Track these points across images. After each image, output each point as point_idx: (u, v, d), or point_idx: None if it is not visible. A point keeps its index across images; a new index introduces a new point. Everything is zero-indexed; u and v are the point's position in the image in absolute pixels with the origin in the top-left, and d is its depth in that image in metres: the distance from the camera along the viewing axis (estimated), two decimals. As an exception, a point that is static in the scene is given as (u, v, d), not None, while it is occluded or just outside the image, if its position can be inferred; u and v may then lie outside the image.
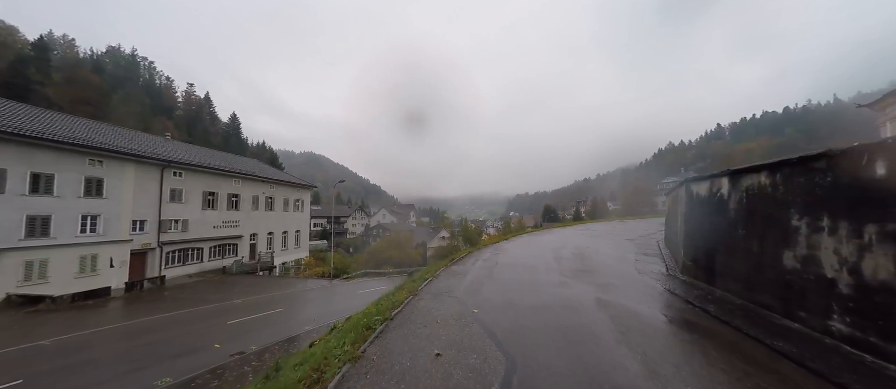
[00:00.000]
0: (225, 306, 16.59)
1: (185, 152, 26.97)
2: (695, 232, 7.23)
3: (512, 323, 5.19)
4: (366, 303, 17.90)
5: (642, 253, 12.50)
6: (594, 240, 16.96)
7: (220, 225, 26.92)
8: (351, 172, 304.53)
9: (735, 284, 5.55)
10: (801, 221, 4.17)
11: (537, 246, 15.56)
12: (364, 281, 27.93)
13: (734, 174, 5.64)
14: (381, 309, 6.25)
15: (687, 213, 7.78)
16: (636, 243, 15.29)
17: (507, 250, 14.89)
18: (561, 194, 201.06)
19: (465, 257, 14.08)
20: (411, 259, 46.03)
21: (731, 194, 5.67)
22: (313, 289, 22.72)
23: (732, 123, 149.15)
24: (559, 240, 17.34)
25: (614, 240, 16.59)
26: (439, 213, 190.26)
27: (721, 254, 6.00)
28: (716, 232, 6.15)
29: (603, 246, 14.86)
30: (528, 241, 17.95)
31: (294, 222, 36.39)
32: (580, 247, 14.57)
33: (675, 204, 10.07)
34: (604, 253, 12.84)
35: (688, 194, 7.68)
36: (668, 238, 13.54)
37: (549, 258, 12.26)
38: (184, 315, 15.22)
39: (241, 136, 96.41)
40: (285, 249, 34.82)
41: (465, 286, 8.43)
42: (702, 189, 6.83)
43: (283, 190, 34.88)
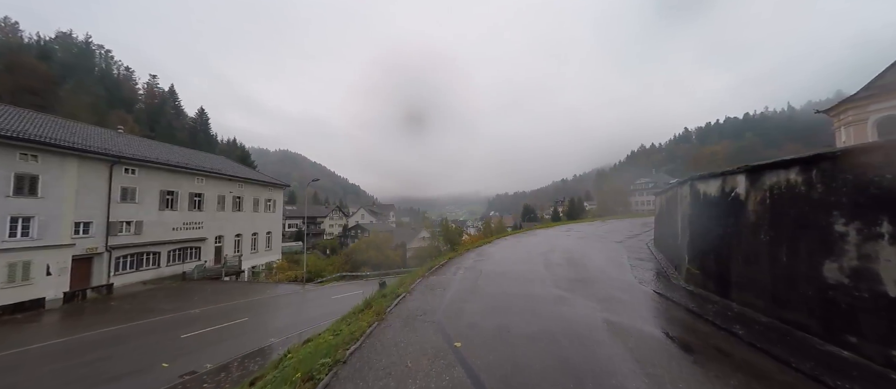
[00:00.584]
0: (180, 317, 14.87)
1: (139, 147, 24.51)
2: (702, 237, 6.56)
3: (506, 362, 4.00)
4: (338, 310, 16.50)
5: (635, 257, 11.82)
6: (581, 243, 16.22)
7: (180, 227, 24.68)
8: (329, 171, 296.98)
9: (757, 298, 4.89)
10: (848, 226, 3.56)
11: (523, 251, 14.37)
12: (339, 286, 26.46)
13: (754, 171, 5.01)
14: (332, 347, 4.80)
15: (692, 215, 7.10)
16: (625, 246, 14.57)
17: (491, 255, 13.65)
18: (540, 194, 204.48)
19: (445, 264, 12.62)
20: (390, 260, 44.67)
21: (749, 194, 5.06)
22: (283, 295, 21.12)
23: (698, 128, 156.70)
24: (545, 243, 16.26)
25: (602, 243, 15.74)
26: (420, 213, 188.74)
27: (737, 263, 5.35)
28: (729, 237, 5.52)
29: (592, 249, 14.16)
30: (513, 244, 16.71)
31: (265, 223, 34.25)
32: (569, 251, 13.66)
33: (673, 204, 9.33)
34: (596, 258, 11.99)
35: (693, 194, 7.10)
36: (659, 240, 12.89)
37: (539, 264, 11.20)
38: (131, 328, 13.45)
39: (209, 132, 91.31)
40: (255, 252, 32.67)
41: (445, 305, 7.03)
42: (710, 188, 6.20)
43: (252, 189, 32.70)
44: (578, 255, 12.72)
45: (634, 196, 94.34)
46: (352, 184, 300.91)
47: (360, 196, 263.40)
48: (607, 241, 16.24)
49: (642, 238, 16.78)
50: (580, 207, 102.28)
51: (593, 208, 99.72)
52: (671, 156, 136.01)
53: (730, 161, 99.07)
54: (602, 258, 11.97)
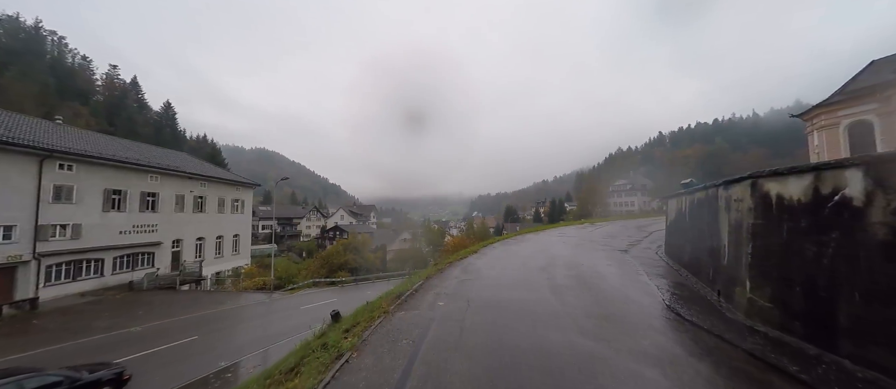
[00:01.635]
0: (115, 337, 12.70)
1: (78, 141, 21.65)
2: (776, 257, 5.04)
3: None
4: (304, 323, 14.62)
5: (653, 272, 9.88)
6: (582, 253, 13.71)
7: (129, 231, 22.02)
8: (308, 171, 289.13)
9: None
10: None
11: (518, 264, 11.62)
12: (311, 293, 24.46)
13: (881, 163, 3.56)
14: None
15: (755, 226, 5.47)
16: (633, 256, 12.64)
17: (479, 272, 10.74)
18: (521, 195, 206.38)
19: (421, 287, 9.64)
20: (370, 263, 42.71)
21: (873, 200, 3.59)
22: (246, 306, 19.02)
23: (672, 132, 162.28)
24: (540, 253, 13.74)
25: (606, 252, 13.67)
26: (402, 214, 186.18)
27: (851, 300, 3.93)
28: (834, 262, 4.11)
29: (597, 261, 11.77)
30: (504, 255, 13.73)
31: (232, 225, 31.66)
32: (573, 265, 11.17)
33: (707, 210, 7.84)
34: (609, 276, 9.67)
35: (757, 198, 5.35)
36: (675, 250, 11.13)
37: (543, 287, 8.67)
38: (50, 353, 11.23)
39: (176, 128, 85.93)
40: (220, 257, 30.08)
41: (416, 381, 4.36)
42: (791, 189, 4.70)
43: (217, 188, 30.09)
44: (587, 271, 10.34)
45: (613, 197, 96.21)
46: (332, 183, 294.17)
47: (340, 196, 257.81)
48: (610, 250, 14.29)
49: (645, 245, 15.24)
50: (561, 208, 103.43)
51: (574, 209, 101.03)
52: (647, 158, 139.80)
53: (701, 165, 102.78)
54: (616, 275, 9.86)
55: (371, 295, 22.15)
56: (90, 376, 8.37)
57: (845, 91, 25.84)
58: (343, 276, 37.66)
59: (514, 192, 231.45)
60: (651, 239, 16.64)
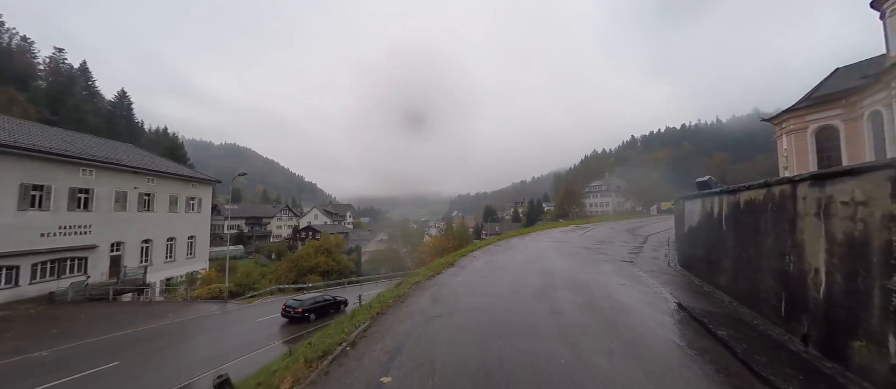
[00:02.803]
0: (10, 366, 10.37)
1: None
2: None
3: None
4: (255, 341, 12.62)
5: (681, 294, 7.68)
6: (580, 264, 11.24)
7: (54, 233, 19.05)
8: (282, 168, 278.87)
9: None
10: None
11: (507, 284, 8.58)
12: (273, 302, 22.24)
13: None
14: None
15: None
16: (643, 268, 10.43)
17: (455, 299, 7.66)
18: (500, 195, 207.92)
19: (363, 337, 5.88)
20: (343, 266, 40.54)
21: None
22: (193, 320, 16.74)
23: (643, 135, 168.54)
24: (532, 266, 10.86)
25: (610, 264, 11.26)
26: (380, 214, 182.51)
27: None
28: None
29: (605, 278, 9.30)
30: (487, 269, 10.59)
31: (186, 225, 28.71)
32: (578, 286, 8.42)
33: (770, 217, 5.63)
34: (629, 303, 7.22)
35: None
36: (692, 262, 9.35)
37: (548, 328, 5.81)
38: None
39: (132, 119, 79.39)
40: (171, 261, 27.13)
41: None
42: None
43: (169, 184, 27.12)
44: (600, 297, 7.56)
45: (589, 198, 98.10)
46: (308, 182, 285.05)
47: (316, 194, 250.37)
48: (613, 261, 11.84)
49: (649, 253, 13.13)
50: (539, 209, 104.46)
51: (551, 209, 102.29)
52: (621, 160, 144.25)
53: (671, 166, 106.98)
54: (640, 302, 7.25)
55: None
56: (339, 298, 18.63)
57: (812, 97, 26.59)
58: (314, 280, 35.37)
59: (494, 192, 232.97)
60: (651, 246, 14.76)
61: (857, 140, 22.23)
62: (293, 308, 16.16)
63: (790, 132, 26.25)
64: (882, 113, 19.96)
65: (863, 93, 21.33)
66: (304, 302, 16.65)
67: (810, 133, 24.99)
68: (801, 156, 25.44)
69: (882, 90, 19.57)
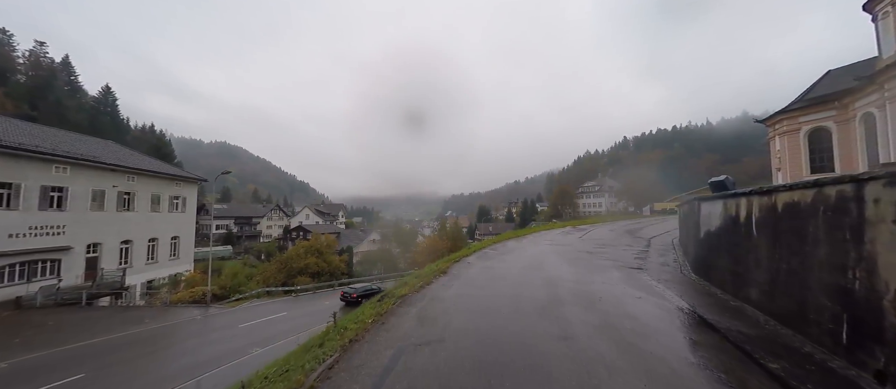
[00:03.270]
0: (-36, 380, 9.53)
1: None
2: None
3: None
4: (240, 348, 11.82)
5: (704, 309, 6.57)
6: (585, 272, 9.88)
7: (24, 234, 18.01)
8: (274, 167, 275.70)
9: None
10: None
11: (506, 297, 7.46)
12: (259, 306, 21.45)
13: None
14: None
15: None
16: (654, 276, 9.23)
17: (447, 318, 6.38)
18: (494, 195, 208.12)
19: (340, 359, 5.04)
20: (334, 267, 39.66)
21: None
22: (173, 325, 15.90)
23: (635, 137, 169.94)
24: (532, 274, 9.56)
25: (618, 272, 9.96)
26: (373, 213, 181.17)
27: None
28: None
29: (616, 289, 8.07)
30: (482, 278, 9.12)
31: (169, 225, 27.69)
32: (586, 299, 7.31)
33: (824, 223, 4.96)
34: (649, 322, 6.11)
35: None
36: (713, 272, 8.15)
37: (561, 361, 4.65)
38: None
39: (118, 116, 77.23)
40: (153, 262, 26.12)
41: None
42: None
43: (151, 182, 26.08)
44: (615, 314, 6.46)
45: (582, 198, 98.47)
46: (300, 181, 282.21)
47: (309, 194, 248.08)
48: (621, 267, 10.45)
49: (656, 258, 11.73)
50: (533, 209, 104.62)
51: (545, 209, 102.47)
52: (613, 160, 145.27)
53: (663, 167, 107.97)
54: (660, 320, 6.22)
55: (326, 307, 19.45)
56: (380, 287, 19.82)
57: (805, 98, 26.66)
58: (304, 281, 34.50)
59: (487, 192, 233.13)
60: (657, 250, 13.33)
61: (850, 142, 22.27)
62: (349, 294, 20.53)
63: (783, 133, 26.27)
64: (875, 115, 19.96)
65: (855, 94, 21.33)
66: (357, 290, 20.92)
67: (803, 134, 25.02)
68: (793, 158, 25.46)
69: (875, 92, 19.55)
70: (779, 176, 27.96)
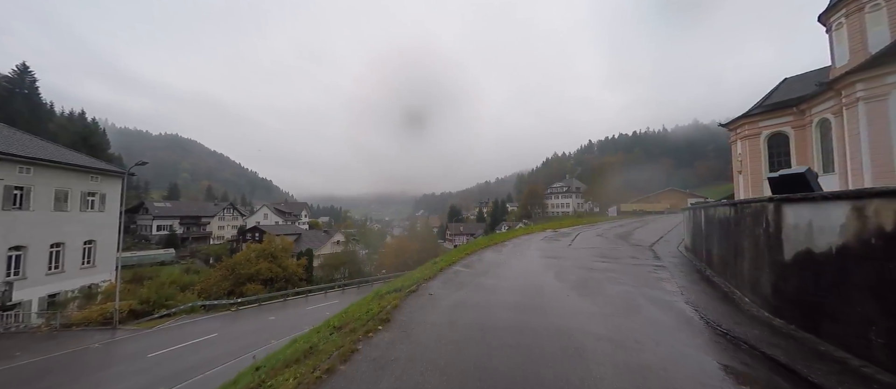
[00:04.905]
0: None
1: None
2: None
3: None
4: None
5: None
6: (610, 309, 6.02)
7: None
8: (232, 162, 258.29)
9: None
10: None
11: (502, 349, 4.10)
12: (185, 325, 18.05)
13: None
14: None
15: None
16: (711, 312, 5.82)
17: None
18: (465, 195, 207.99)
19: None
20: (290, 273, 36.16)
21: None
22: (57, 356, 12.48)
23: (600, 140, 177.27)
24: (534, 318, 5.49)
25: (667, 312, 5.99)
26: (341, 213, 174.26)
27: None
28: None
29: (689, 356, 4.27)
30: (453, 340, 4.56)
31: (80, 227, 23.28)
32: (613, 339, 4.59)
33: None
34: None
35: None
36: (824, 312, 4.50)
37: None
38: None
39: (36, 99, 67.29)
40: (58, 272, 21.72)
41: None
42: None
43: (55, 175, 21.65)
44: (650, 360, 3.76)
45: (550, 198, 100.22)
46: (263, 178, 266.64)
47: (272, 192, 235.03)
48: (656, 300, 6.61)
49: (679, 276, 8.44)
50: (503, 209, 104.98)
51: (515, 210, 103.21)
52: (579, 162, 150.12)
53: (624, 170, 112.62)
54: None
55: (270, 325, 16.52)
56: None
57: (764, 104, 27.53)
58: (254, 290, 30.86)
59: (459, 192, 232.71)
60: (672, 262, 9.88)
61: (806, 146, 22.99)
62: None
63: (745, 137, 26.91)
64: (831, 120, 20.52)
65: (812, 101, 21.94)
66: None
67: (763, 138, 25.69)
68: (754, 161, 26.14)
69: (832, 98, 20.02)
70: (740, 179, 28.78)
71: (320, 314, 20.87)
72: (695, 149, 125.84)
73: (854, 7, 20.39)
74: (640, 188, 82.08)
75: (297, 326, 17.13)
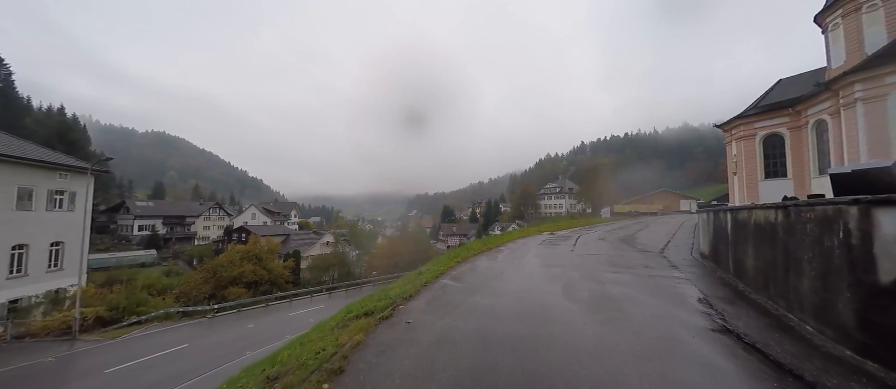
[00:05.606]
0: None
1: None
2: None
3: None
4: None
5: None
6: (639, 344, 4.17)
7: None
8: (221, 161, 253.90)
9: None
10: None
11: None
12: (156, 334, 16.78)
13: None
14: None
15: None
16: (776, 348, 3.94)
17: None
18: (458, 195, 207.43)
19: None
20: (276, 276, 34.87)
21: None
22: (0, 371, 11.25)
23: (592, 142, 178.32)
24: (538, 325, 4.91)
25: (670, 310, 5.44)
26: (333, 213, 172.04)
27: None
28: None
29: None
30: (454, 350, 3.98)
31: (46, 228, 21.78)
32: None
33: None
34: None
35: None
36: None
37: None
38: None
39: (12, 93, 64.47)
40: (20, 276, 20.22)
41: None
42: None
43: (16, 172, 20.17)
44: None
45: (543, 199, 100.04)
46: (253, 177, 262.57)
47: (262, 191, 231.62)
48: (691, 327, 4.74)
49: (722, 300, 5.96)
50: (496, 209, 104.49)
51: (508, 210, 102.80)
52: (571, 163, 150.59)
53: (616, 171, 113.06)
54: None
55: (249, 334, 15.31)
56: None
57: (759, 105, 27.20)
58: (238, 294, 29.57)
59: (452, 192, 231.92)
60: (693, 273, 8.51)
61: (801, 148, 22.66)
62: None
63: (740, 138, 26.58)
64: (827, 122, 20.17)
65: (808, 102, 21.61)
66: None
67: (759, 139, 25.37)
68: (749, 162, 25.81)
69: (829, 99, 19.67)
70: (735, 180, 28.47)
71: (304, 321, 19.62)
72: (685, 151, 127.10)
73: (851, 7, 20.08)
74: (632, 189, 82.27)
75: (278, 335, 16.06)
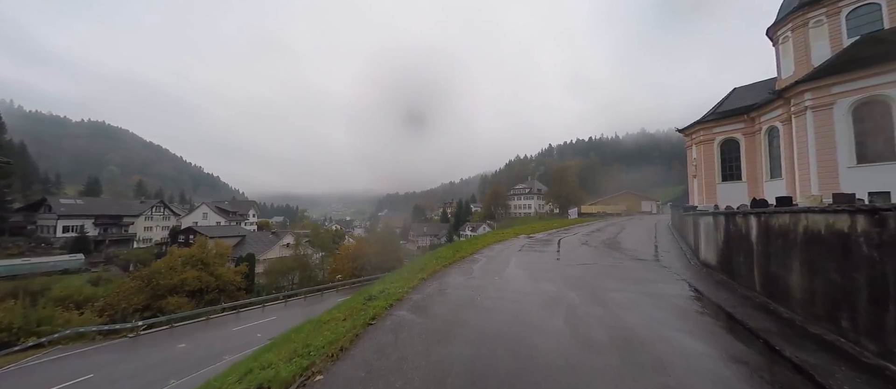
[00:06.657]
0: None
1: None
2: None
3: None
4: None
5: None
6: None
7: None
8: (172, 155, 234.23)
9: None
10: None
11: None
12: (46, 366, 13.56)
13: None
14: None
15: None
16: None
17: None
18: (429, 195, 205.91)
19: None
20: (226, 282, 31.53)
21: None
22: None
23: (559, 145, 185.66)
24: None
25: (729, 365, 3.44)
26: (298, 212, 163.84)
27: None
28: None
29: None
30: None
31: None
32: None
33: None
34: None
35: None
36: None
37: None
38: None
39: None
40: None
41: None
42: None
43: None
44: None
45: (513, 200, 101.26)
46: (208, 174, 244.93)
47: (219, 189, 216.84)
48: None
49: (754, 343, 3.77)
50: (467, 209, 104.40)
51: (479, 210, 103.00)
52: (540, 165, 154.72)
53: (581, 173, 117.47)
54: None
55: (180, 356, 12.74)
56: None
57: (717, 112, 28.41)
58: (178, 304, 26.19)
59: (423, 192, 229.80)
60: (708, 289, 7.18)
61: (755, 152, 23.80)
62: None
63: (700, 142, 27.60)
64: (779, 128, 21.17)
65: (762, 110, 22.64)
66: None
67: (717, 144, 26.41)
68: (708, 165, 26.85)
69: (781, 107, 20.60)
70: (694, 182, 29.61)
71: (249, 336, 16.74)
72: (642, 155, 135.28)
73: (799, 22, 21.20)
74: (596, 190, 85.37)
75: (215, 355, 13.85)
